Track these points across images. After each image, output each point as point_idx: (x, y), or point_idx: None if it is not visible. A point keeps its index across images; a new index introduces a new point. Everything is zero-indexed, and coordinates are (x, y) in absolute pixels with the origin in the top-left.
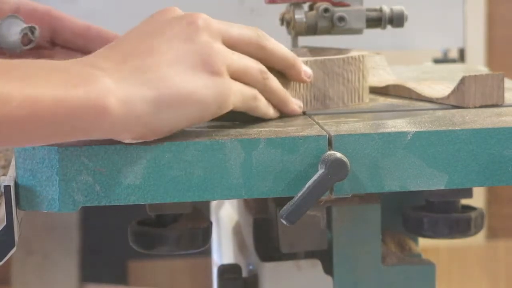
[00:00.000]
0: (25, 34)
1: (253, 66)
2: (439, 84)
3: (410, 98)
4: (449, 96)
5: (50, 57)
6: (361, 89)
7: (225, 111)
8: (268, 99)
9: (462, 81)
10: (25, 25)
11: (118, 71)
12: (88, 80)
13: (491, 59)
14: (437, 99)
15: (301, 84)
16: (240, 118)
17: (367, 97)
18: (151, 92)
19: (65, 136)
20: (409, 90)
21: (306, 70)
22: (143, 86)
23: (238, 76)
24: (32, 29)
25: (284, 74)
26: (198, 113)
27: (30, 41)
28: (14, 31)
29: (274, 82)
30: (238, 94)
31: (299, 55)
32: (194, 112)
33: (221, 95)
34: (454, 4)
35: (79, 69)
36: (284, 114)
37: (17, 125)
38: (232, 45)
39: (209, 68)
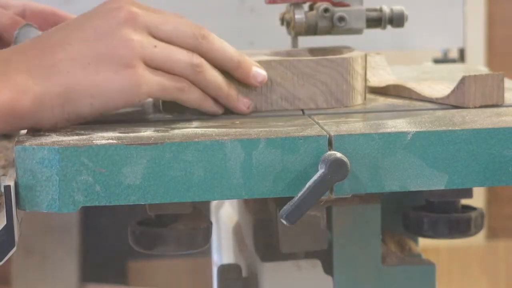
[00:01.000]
0: None
1: (181, 58)
2: (439, 84)
3: (410, 98)
4: (449, 96)
5: None
6: (340, 92)
7: (138, 100)
8: (206, 93)
9: (462, 81)
10: (40, 33)
11: (28, 65)
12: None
13: (491, 59)
14: (437, 99)
15: (265, 84)
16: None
17: (357, 100)
18: (56, 87)
19: None
20: (409, 90)
21: (257, 73)
22: (49, 81)
23: (161, 68)
24: None
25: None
26: (102, 104)
27: None
28: None
29: (210, 76)
30: (153, 85)
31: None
32: (97, 103)
33: (128, 86)
34: (454, 4)
35: None
36: (235, 112)
37: None
38: (164, 39)
39: (118, 60)
